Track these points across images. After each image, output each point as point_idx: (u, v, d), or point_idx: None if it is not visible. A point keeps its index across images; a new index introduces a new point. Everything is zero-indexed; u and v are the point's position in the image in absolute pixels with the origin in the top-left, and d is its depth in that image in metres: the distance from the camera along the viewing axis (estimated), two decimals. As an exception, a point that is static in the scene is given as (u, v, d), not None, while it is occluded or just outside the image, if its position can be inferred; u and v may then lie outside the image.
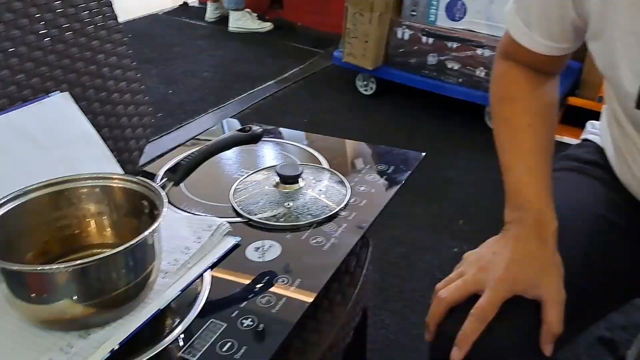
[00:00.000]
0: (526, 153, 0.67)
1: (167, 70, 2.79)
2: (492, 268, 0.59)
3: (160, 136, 2.16)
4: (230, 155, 0.90)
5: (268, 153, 0.92)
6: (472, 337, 0.57)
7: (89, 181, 0.61)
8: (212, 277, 0.63)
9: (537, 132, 0.68)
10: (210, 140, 0.71)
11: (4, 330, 0.54)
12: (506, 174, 0.67)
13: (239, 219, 0.73)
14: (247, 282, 0.63)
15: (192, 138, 0.99)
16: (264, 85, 2.67)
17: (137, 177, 0.60)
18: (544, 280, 0.59)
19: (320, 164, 0.87)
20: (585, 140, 0.82)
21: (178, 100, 2.51)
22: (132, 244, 0.51)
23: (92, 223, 0.63)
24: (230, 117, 2.34)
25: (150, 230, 0.53)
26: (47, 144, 0.68)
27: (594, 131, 0.82)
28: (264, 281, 0.63)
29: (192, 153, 0.66)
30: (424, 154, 0.89)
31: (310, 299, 0.60)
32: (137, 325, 0.55)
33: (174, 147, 0.92)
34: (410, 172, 0.83)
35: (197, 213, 0.75)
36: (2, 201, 0.56)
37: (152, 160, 0.90)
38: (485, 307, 0.57)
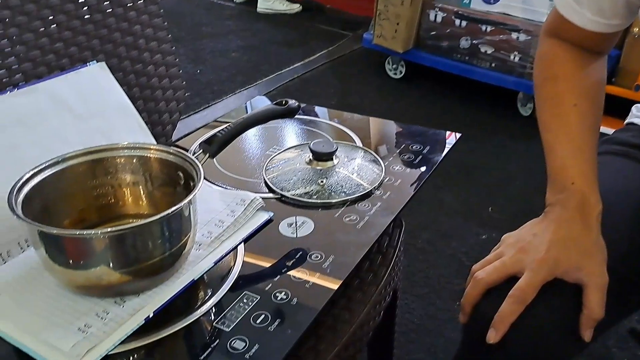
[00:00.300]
0: (571, 134, 0.64)
1: (195, 50, 2.80)
2: (533, 250, 0.58)
3: (188, 115, 2.17)
4: (262, 132, 0.90)
5: (301, 130, 0.91)
6: (510, 318, 0.55)
7: (126, 151, 0.61)
8: (245, 250, 0.63)
9: (583, 112, 0.65)
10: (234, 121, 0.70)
11: (41, 295, 0.55)
12: (549, 155, 0.65)
13: (271, 195, 0.73)
14: (281, 257, 0.62)
15: (216, 120, 0.98)
16: (291, 67, 2.66)
17: (174, 148, 0.60)
18: (586, 263, 0.57)
19: (353, 142, 0.85)
20: (630, 124, 0.79)
21: (206, 80, 2.51)
22: (169, 213, 0.51)
23: (128, 193, 0.63)
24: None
25: (187, 200, 0.52)
26: (84, 113, 0.68)
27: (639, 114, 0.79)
28: (297, 256, 0.62)
29: (228, 126, 0.65)
30: (459, 135, 0.87)
31: (343, 276, 0.59)
32: (172, 295, 0.55)
33: (202, 126, 0.92)
34: (445, 152, 0.82)
35: (230, 188, 0.74)
36: (41, 167, 0.57)
37: (182, 137, 0.90)
38: (525, 288, 0.56)
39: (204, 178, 0.59)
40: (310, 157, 0.77)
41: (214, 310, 0.55)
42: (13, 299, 0.54)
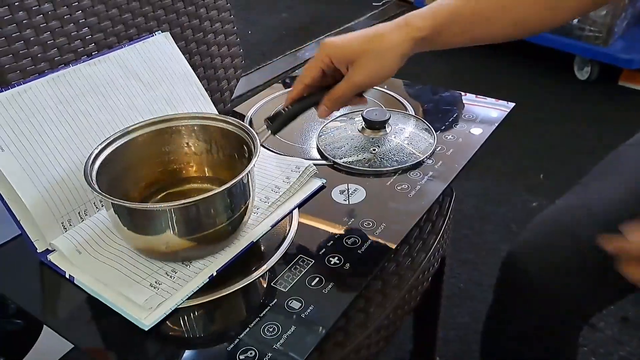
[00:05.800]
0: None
1: (246, 9, 2.80)
2: None
3: (239, 76, 2.20)
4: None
5: (353, 98, 0.93)
6: None
7: (190, 120, 0.65)
8: (300, 215, 0.66)
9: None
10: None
11: (117, 252, 0.60)
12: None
13: (324, 162, 0.75)
14: (333, 222, 0.65)
15: (269, 81, 1.00)
16: (341, 28, 2.64)
17: (236, 119, 0.63)
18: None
19: (406, 110, 0.87)
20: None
21: (255, 41, 2.52)
22: (230, 185, 0.54)
23: (191, 160, 0.67)
24: (307, 60, 2.34)
25: (246, 170, 0.55)
26: (151, 82, 0.71)
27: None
28: (349, 223, 0.65)
29: (291, 104, 0.68)
30: (513, 104, 0.86)
31: (394, 244, 0.62)
32: (233, 255, 0.59)
33: (254, 88, 0.94)
34: (499, 122, 0.82)
35: (283, 153, 0.77)
36: (112, 138, 0.61)
37: (234, 99, 0.92)
38: None
39: (261, 145, 0.62)
40: (363, 125, 0.79)
41: (271, 271, 0.59)
42: (92, 256, 0.59)
